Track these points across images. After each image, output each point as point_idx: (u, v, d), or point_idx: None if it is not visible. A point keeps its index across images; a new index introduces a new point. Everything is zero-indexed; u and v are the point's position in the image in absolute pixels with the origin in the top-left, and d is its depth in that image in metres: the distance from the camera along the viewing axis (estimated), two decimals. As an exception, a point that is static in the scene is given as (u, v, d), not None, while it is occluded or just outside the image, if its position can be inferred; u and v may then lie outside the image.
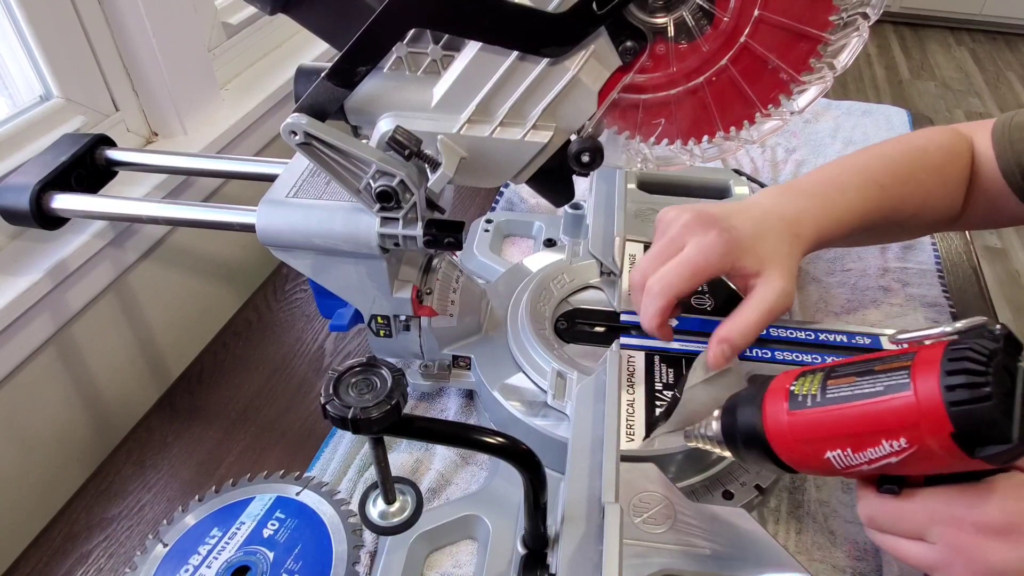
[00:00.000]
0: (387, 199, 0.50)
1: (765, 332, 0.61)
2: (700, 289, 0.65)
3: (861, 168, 0.63)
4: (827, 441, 0.40)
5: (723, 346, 0.52)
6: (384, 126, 0.50)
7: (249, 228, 0.56)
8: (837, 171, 0.63)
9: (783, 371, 0.45)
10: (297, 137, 0.47)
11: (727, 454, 0.47)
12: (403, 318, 0.60)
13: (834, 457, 0.40)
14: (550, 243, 0.81)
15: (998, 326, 0.37)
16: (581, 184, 0.69)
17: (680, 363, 0.59)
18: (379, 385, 0.38)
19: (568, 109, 0.49)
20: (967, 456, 0.36)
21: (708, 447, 0.47)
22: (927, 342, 0.39)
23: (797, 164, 0.97)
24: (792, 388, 0.42)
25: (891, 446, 0.38)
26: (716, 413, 0.47)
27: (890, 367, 0.39)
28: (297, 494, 0.57)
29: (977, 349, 0.36)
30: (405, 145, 0.47)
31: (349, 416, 0.36)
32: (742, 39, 0.45)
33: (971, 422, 0.35)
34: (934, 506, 0.40)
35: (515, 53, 0.46)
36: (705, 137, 0.50)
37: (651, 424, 0.55)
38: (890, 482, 0.41)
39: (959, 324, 0.39)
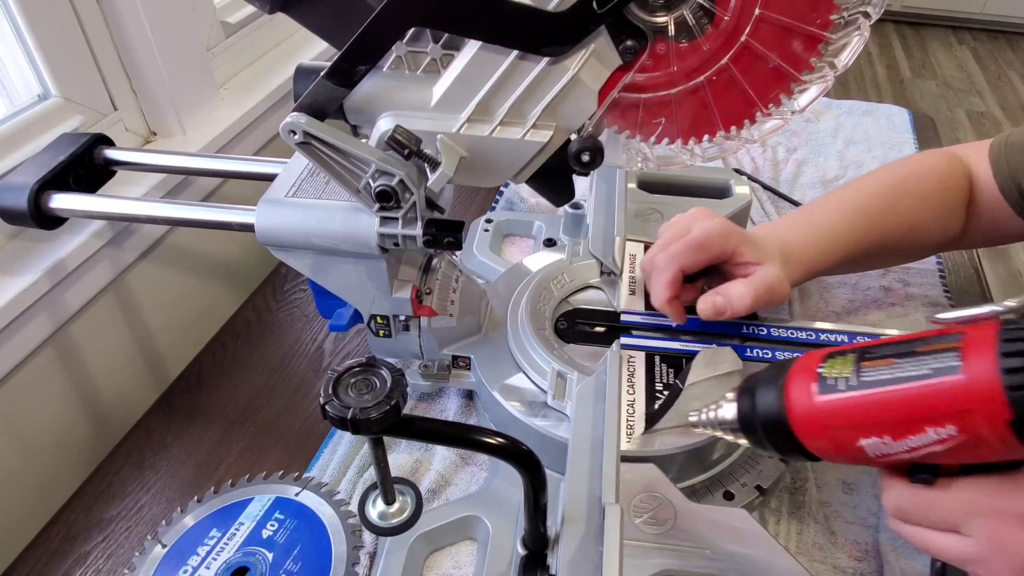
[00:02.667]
0: (387, 199, 0.50)
1: (766, 332, 0.61)
2: (700, 288, 0.65)
3: (843, 201, 0.65)
4: (862, 428, 0.37)
5: (718, 298, 0.57)
6: (384, 125, 0.50)
7: (248, 228, 0.55)
8: (819, 207, 0.66)
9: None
10: (296, 136, 0.47)
11: (741, 441, 0.43)
12: (403, 318, 0.60)
13: (869, 445, 0.37)
14: (550, 243, 0.81)
15: None
16: (581, 184, 0.68)
17: (680, 363, 0.59)
18: (379, 385, 0.38)
19: (568, 108, 0.49)
20: (1023, 444, 0.33)
21: (719, 433, 0.44)
22: (978, 321, 0.36)
23: (798, 164, 0.97)
24: (821, 371, 0.39)
25: (936, 434, 0.35)
26: (730, 395, 0.43)
27: (935, 348, 0.35)
28: (296, 495, 0.56)
29: None
30: (405, 144, 0.47)
31: (348, 416, 0.36)
32: (743, 38, 0.45)
33: None
34: (973, 496, 0.37)
35: (515, 52, 0.46)
36: (706, 136, 0.50)
37: (651, 417, 0.54)
38: (923, 471, 0.38)
39: (1011, 302, 0.35)
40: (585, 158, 0.49)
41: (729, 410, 0.43)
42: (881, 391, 0.36)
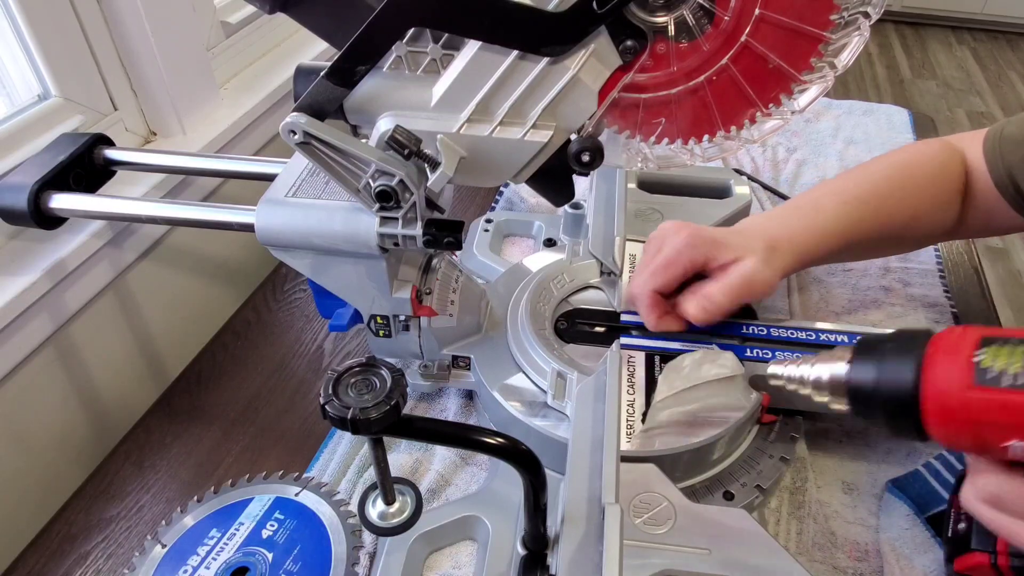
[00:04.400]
0: (387, 199, 0.50)
1: (766, 332, 0.61)
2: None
3: (839, 189, 0.65)
4: (1020, 429, 0.34)
5: (704, 301, 0.57)
6: (384, 125, 0.49)
7: (248, 228, 0.55)
8: (815, 194, 0.66)
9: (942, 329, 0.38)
10: (296, 136, 0.47)
11: (836, 407, 0.40)
12: (402, 318, 0.60)
13: (1018, 447, 0.34)
14: (550, 243, 0.81)
15: None
16: (581, 184, 0.68)
17: (680, 363, 0.59)
18: (378, 385, 0.38)
19: (568, 108, 0.49)
20: None
21: (810, 392, 0.41)
22: None
23: (798, 164, 0.97)
24: (978, 359, 0.35)
25: None
26: (842, 355, 0.40)
27: None
28: (296, 495, 0.56)
29: None
30: (405, 144, 0.47)
31: (348, 416, 0.36)
32: (743, 38, 0.45)
33: None
34: None
35: (515, 52, 0.46)
36: (706, 136, 0.50)
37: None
38: None
39: None
40: (585, 158, 0.49)
41: (838, 369, 0.40)
42: None
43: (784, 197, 0.90)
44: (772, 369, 0.44)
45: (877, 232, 0.64)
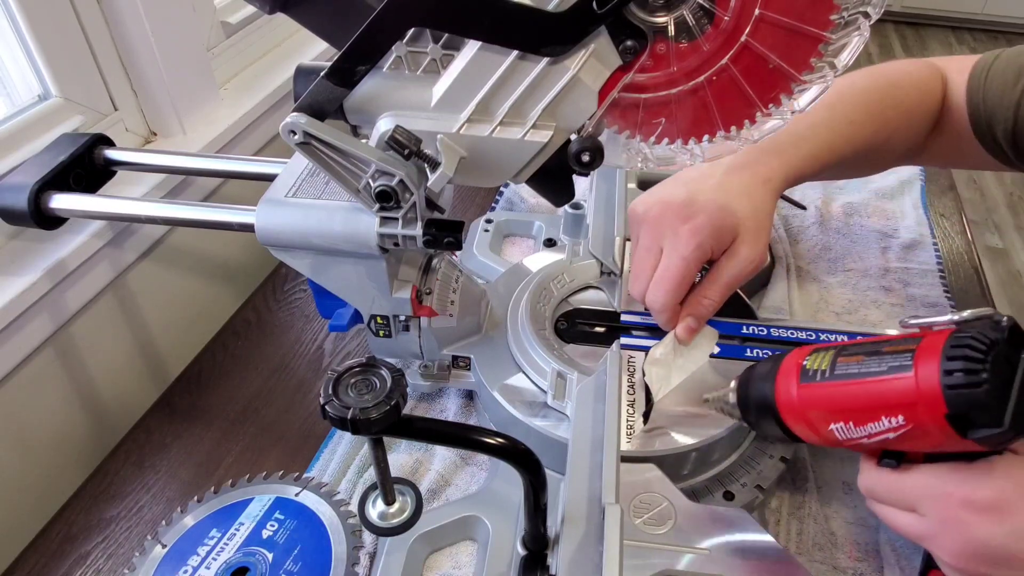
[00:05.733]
0: (387, 199, 0.50)
1: (766, 332, 0.61)
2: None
3: (831, 104, 0.63)
4: (832, 414, 0.43)
5: (688, 320, 0.58)
6: (384, 125, 0.49)
7: (248, 228, 0.55)
8: (809, 115, 0.63)
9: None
10: (296, 136, 0.47)
11: (743, 422, 0.50)
12: (402, 318, 0.60)
13: (837, 429, 0.43)
14: (550, 243, 0.81)
15: (1005, 318, 0.39)
16: (581, 184, 0.68)
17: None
18: (379, 385, 0.38)
19: (568, 108, 0.49)
20: (960, 437, 0.38)
21: (724, 413, 0.51)
22: (936, 328, 0.42)
23: (797, 164, 0.97)
24: (804, 363, 0.45)
25: (889, 422, 0.40)
26: (733, 384, 0.50)
27: (897, 349, 0.41)
28: (296, 495, 0.56)
29: (978, 338, 0.38)
30: (405, 145, 0.47)
31: (348, 417, 0.36)
32: (743, 38, 0.45)
33: (964, 405, 0.37)
34: (927, 481, 0.42)
35: (515, 52, 0.46)
36: (706, 136, 0.50)
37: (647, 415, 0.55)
38: (890, 456, 0.44)
39: (966, 313, 0.41)
40: (585, 158, 0.49)
41: (731, 397, 0.50)
42: (848, 383, 0.42)
43: (784, 197, 0.90)
44: (703, 397, 0.53)
45: (857, 152, 0.64)
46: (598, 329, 0.65)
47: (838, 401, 0.42)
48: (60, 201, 0.61)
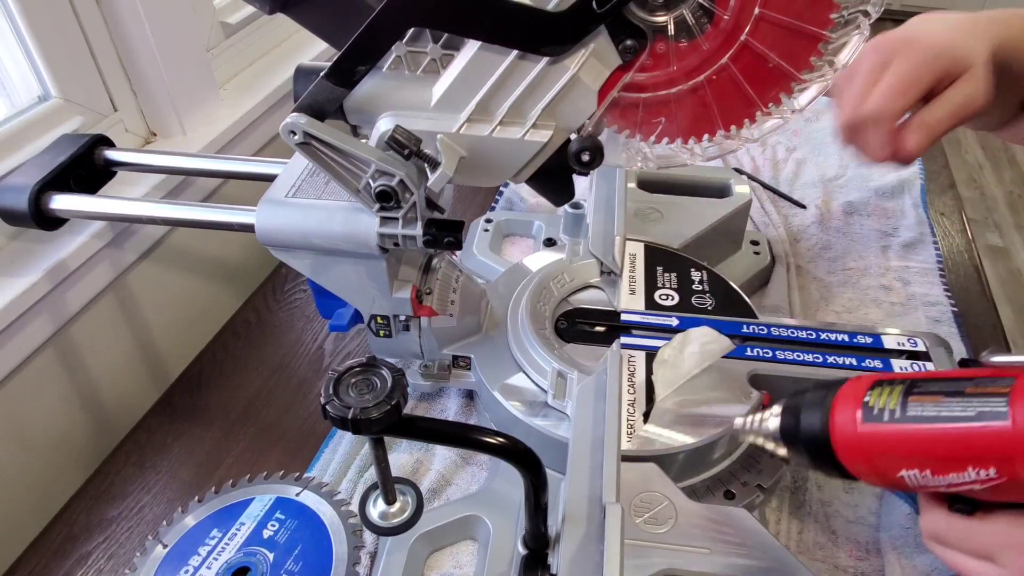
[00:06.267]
0: (387, 199, 0.50)
1: (766, 332, 0.61)
2: (700, 289, 0.66)
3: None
4: (905, 460, 0.38)
5: (922, 131, 0.53)
6: (383, 125, 0.50)
7: (248, 228, 0.55)
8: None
9: (854, 376, 0.43)
10: (296, 137, 0.47)
11: (781, 452, 0.45)
12: (403, 318, 0.60)
13: (909, 476, 0.38)
14: (550, 242, 0.81)
15: None
16: (581, 183, 0.68)
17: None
18: (379, 385, 0.38)
19: (568, 108, 0.49)
20: None
21: (761, 443, 0.46)
22: None
23: (798, 163, 0.97)
24: (867, 400, 0.40)
25: (978, 474, 0.36)
26: (776, 410, 0.45)
27: (985, 391, 0.36)
28: (297, 495, 0.56)
29: None
30: (404, 144, 0.47)
31: (349, 416, 0.36)
32: (742, 37, 0.45)
33: None
34: (1008, 530, 0.38)
35: (515, 52, 0.46)
36: (705, 136, 0.50)
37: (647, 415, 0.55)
38: (962, 501, 0.39)
39: None
40: (585, 158, 0.49)
41: (773, 423, 0.44)
42: (926, 427, 0.37)
43: (784, 196, 0.90)
44: (737, 423, 0.48)
45: None
46: (598, 329, 0.65)
47: (913, 447, 0.37)
48: (60, 202, 0.61)
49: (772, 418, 0.45)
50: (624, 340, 0.61)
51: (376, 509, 0.46)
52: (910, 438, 0.38)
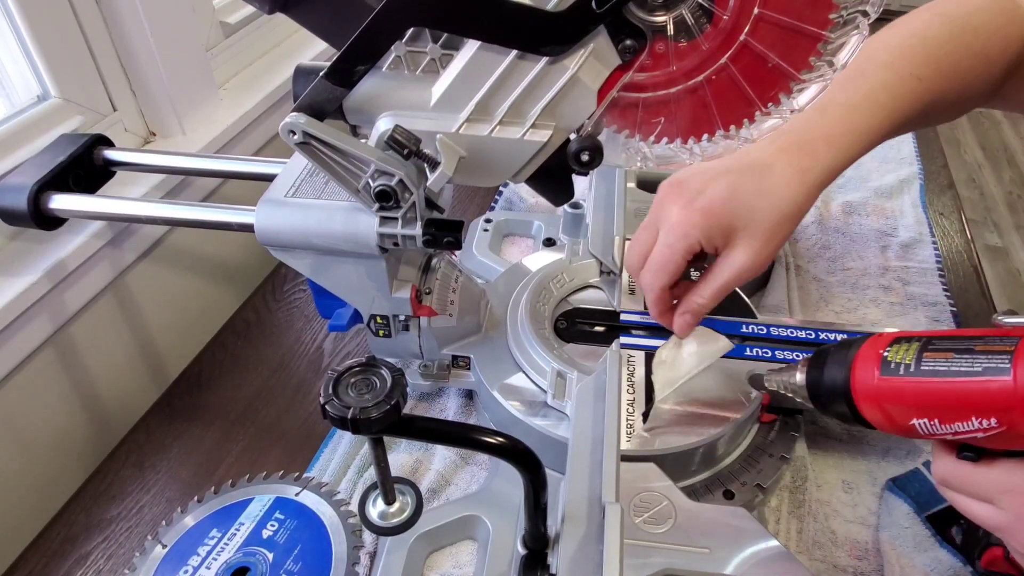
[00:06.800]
0: (386, 198, 0.50)
1: (766, 332, 0.61)
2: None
3: (892, 60, 0.56)
4: (916, 409, 0.41)
5: (686, 316, 0.55)
6: (383, 125, 0.49)
7: (248, 228, 0.55)
8: (862, 65, 0.54)
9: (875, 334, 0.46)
10: (296, 136, 0.47)
11: (808, 405, 0.48)
12: (402, 318, 0.60)
13: (920, 424, 0.42)
14: (549, 242, 0.81)
15: None
16: (580, 183, 0.68)
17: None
18: (379, 385, 0.38)
19: (567, 108, 0.49)
20: None
21: (787, 393, 0.49)
22: None
23: (797, 163, 0.97)
24: (885, 354, 0.43)
25: (980, 423, 0.39)
26: (801, 365, 0.48)
27: (992, 348, 0.39)
28: (296, 495, 0.56)
29: None
30: (404, 144, 0.47)
31: (349, 416, 0.36)
32: (742, 37, 0.45)
33: None
34: (1008, 477, 0.41)
35: (514, 52, 0.46)
36: (705, 136, 0.50)
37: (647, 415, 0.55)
38: (969, 449, 0.43)
39: None
40: (584, 158, 0.49)
41: (799, 377, 0.48)
42: (937, 380, 0.40)
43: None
44: (766, 377, 0.51)
45: (922, 113, 0.57)
46: (598, 328, 0.65)
47: (925, 398, 0.41)
48: (60, 202, 0.61)
49: (798, 373, 0.49)
50: (623, 340, 0.61)
51: (375, 509, 0.46)
52: (922, 390, 0.41)
